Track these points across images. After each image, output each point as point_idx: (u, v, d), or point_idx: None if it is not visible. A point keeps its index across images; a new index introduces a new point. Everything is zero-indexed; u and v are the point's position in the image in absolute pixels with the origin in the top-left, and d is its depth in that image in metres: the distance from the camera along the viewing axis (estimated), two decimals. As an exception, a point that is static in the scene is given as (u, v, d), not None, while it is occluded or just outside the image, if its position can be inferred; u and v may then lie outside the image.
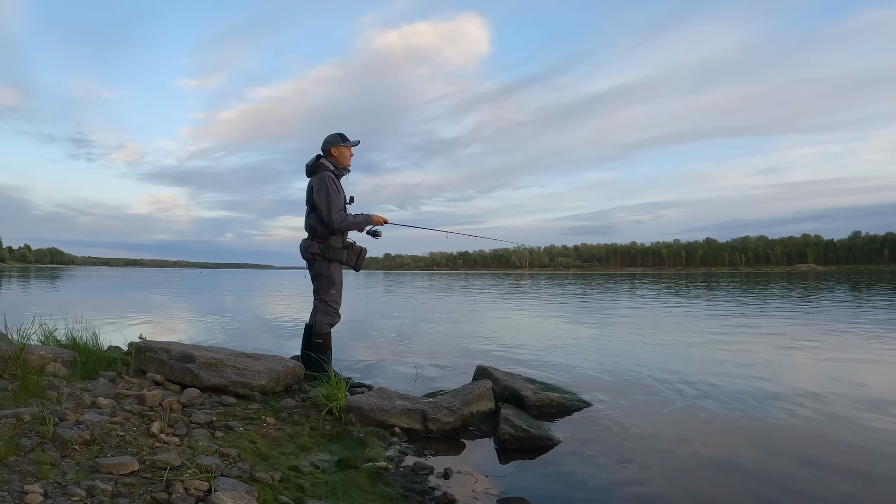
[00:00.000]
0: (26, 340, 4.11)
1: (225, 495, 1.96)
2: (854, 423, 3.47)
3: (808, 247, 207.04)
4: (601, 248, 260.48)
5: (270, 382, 3.74)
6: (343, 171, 4.37)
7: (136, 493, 2.00)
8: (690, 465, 2.82)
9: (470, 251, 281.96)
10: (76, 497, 1.89)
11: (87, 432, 2.46)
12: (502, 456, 2.97)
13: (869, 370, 5.25)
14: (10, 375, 3.42)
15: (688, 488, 2.52)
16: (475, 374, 4.29)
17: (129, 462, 2.19)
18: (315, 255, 4.29)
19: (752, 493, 2.45)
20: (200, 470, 2.21)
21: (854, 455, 2.95)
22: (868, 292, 19.02)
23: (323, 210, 4.15)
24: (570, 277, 59.64)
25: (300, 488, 2.28)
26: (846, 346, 6.74)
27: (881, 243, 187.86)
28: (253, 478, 2.27)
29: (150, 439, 2.56)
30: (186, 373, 3.63)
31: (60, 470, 2.11)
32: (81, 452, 2.30)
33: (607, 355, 6.08)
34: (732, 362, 5.57)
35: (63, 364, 3.70)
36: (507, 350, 6.49)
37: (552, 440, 3.13)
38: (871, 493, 2.47)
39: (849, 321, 9.54)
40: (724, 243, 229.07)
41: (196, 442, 2.61)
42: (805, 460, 2.86)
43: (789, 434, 3.30)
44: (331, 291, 4.33)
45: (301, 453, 2.72)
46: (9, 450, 2.15)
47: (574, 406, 3.84)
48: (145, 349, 3.87)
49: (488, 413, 3.55)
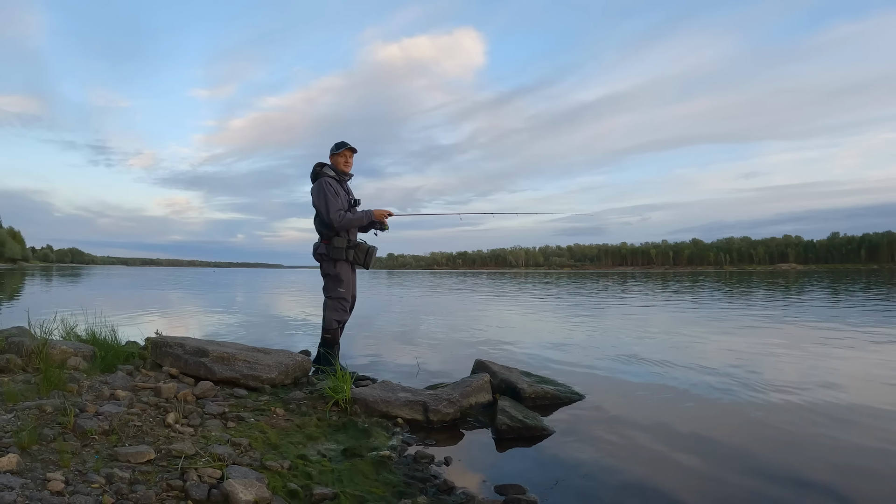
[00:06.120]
0: (48, 336, 4.12)
1: (237, 482, 1.96)
2: (832, 410, 3.47)
3: (789, 247, 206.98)
4: (593, 249, 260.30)
5: (280, 375, 3.74)
6: (345, 175, 4.38)
7: (153, 481, 2.00)
8: (678, 453, 2.81)
9: (469, 251, 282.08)
10: (96, 484, 1.89)
11: (106, 423, 2.46)
12: (499, 445, 2.97)
13: (846, 362, 5.24)
14: (33, 369, 3.43)
15: (676, 476, 2.52)
16: (474, 367, 4.29)
17: (146, 451, 2.19)
18: (322, 256, 4.32)
19: (739, 480, 2.45)
20: (213, 458, 2.21)
21: (831, 442, 2.94)
22: (847, 292, 19.02)
23: (322, 212, 4.18)
24: (564, 276, 59.62)
25: (308, 476, 2.28)
26: (826, 338, 6.73)
27: (858, 244, 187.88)
28: (263, 466, 2.27)
29: (166, 429, 2.56)
30: (200, 366, 3.63)
31: (81, 458, 2.11)
32: (101, 442, 2.30)
33: (600, 349, 6.07)
34: (719, 355, 5.57)
35: (83, 358, 3.70)
36: (504, 345, 6.49)
37: (547, 430, 3.13)
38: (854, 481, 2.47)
39: (829, 316, 9.54)
40: (710, 244, 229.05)
41: (209, 432, 2.61)
42: (789, 448, 2.86)
43: (774, 422, 3.29)
44: (339, 290, 4.33)
45: (309, 443, 2.72)
46: (32, 439, 2.15)
47: (568, 398, 3.84)
48: (161, 344, 3.87)
49: (486, 404, 3.55)
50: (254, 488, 1.95)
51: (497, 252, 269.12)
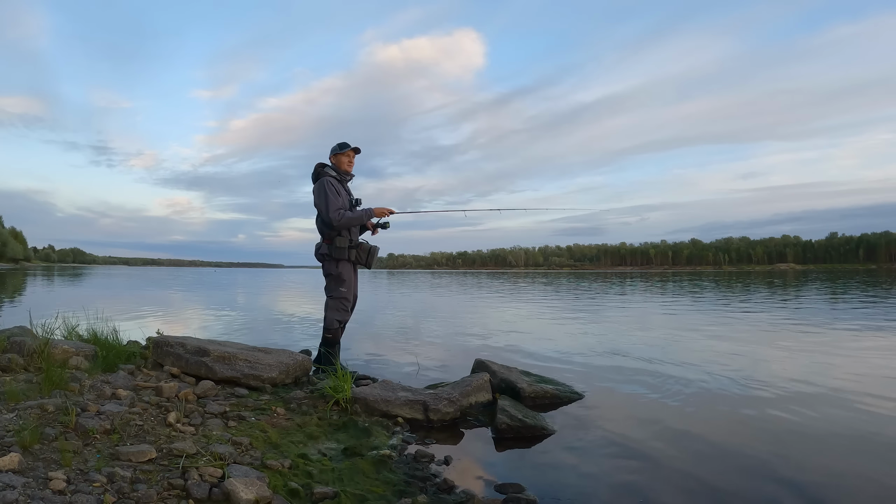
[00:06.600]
0: (50, 335, 4.12)
1: (238, 481, 1.96)
2: (827, 409, 3.48)
3: (787, 247, 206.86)
4: (592, 249, 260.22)
5: (280, 375, 3.74)
6: (346, 176, 4.38)
7: (154, 480, 2.00)
8: (677, 452, 2.81)
9: (469, 251, 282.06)
10: (97, 483, 1.90)
11: (107, 422, 2.46)
12: (499, 444, 2.97)
13: (843, 361, 5.24)
14: (35, 368, 3.43)
15: (674, 475, 2.52)
16: (474, 367, 4.29)
17: (148, 450, 2.19)
18: (325, 256, 4.31)
19: (737, 480, 2.45)
20: (214, 457, 2.21)
21: (830, 441, 2.95)
22: (845, 291, 19.02)
23: (322, 211, 4.18)
24: (564, 276, 59.60)
25: (308, 475, 2.28)
26: (824, 338, 6.74)
27: (856, 244, 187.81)
28: (264, 465, 2.27)
29: (167, 429, 2.56)
30: (201, 366, 3.63)
31: (82, 457, 2.11)
32: (102, 441, 2.30)
33: (599, 349, 6.07)
34: (718, 354, 5.56)
35: (85, 357, 3.70)
36: (504, 344, 6.49)
37: (546, 429, 3.13)
38: (854, 481, 2.47)
39: (828, 316, 9.54)
40: (709, 244, 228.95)
41: (210, 431, 2.61)
42: (789, 447, 2.86)
43: (774, 421, 3.29)
44: (340, 289, 4.33)
45: (309, 442, 2.72)
46: (34, 438, 2.15)
47: (567, 397, 3.84)
48: (162, 343, 3.87)
49: (486, 404, 3.55)
50: (255, 487, 1.95)
51: (497, 252, 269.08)
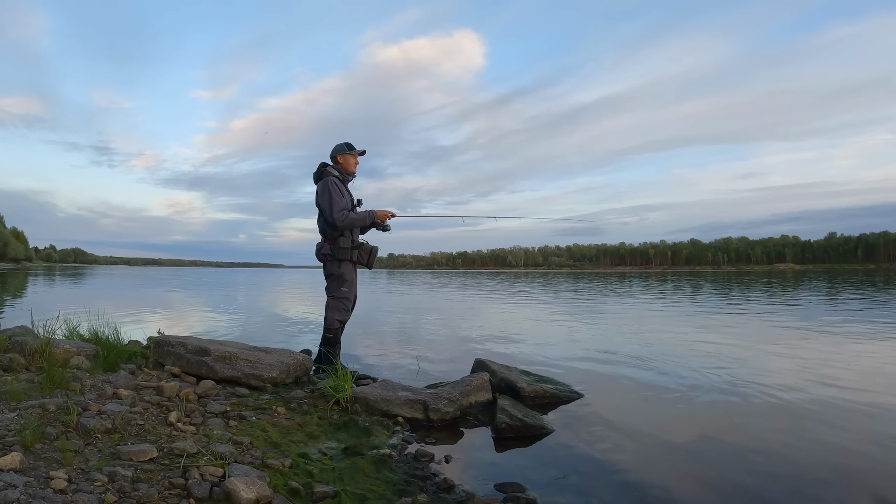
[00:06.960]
0: (51, 335, 4.11)
1: (238, 480, 1.96)
2: (822, 408, 3.47)
3: (786, 247, 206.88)
4: (592, 249, 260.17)
5: (281, 374, 3.74)
6: (349, 176, 4.38)
7: (155, 479, 2.00)
8: (677, 452, 2.82)
9: (469, 251, 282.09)
10: (98, 482, 1.89)
11: (108, 421, 2.46)
12: (499, 444, 2.97)
13: (843, 361, 5.24)
14: (36, 368, 3.43)
15: (675, 474, 2.52)
16: (473, 366, 4.29)
17: (149, 449, 2.19)
18: (326, 256, 4.30)
19: (737, 479, 2.45)
20: (215, 457, 2.21)
21: (829, 440, 2.94)
22: (843, 291, 19.01)
23: (325, 211, 4.17)
24: (563, 276, 59.60)
25: (309, 474, 2.28)
26: (822, 339, 6.74)
27: (855, 244, 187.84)
28: (265, 464, 2.27)
29: (168, 428, 2.56)
30: (202, 365, 3.63)
31: (83, 457, 2.11)
32: (103, 440, 2.30)
33: (599, 349, 6.07)
34: (717, 354, 5.56)
35: (86, 357, 3.70)
36: (503, 344, 6.48)
37: (546, 429, 3.13)
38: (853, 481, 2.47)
39: (825, 317, 9.54)
40: (708, 244, 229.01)
41: (211, 430, 2.61)
42: (787, 447, 2.85)
43: (773, 421, 3.29)
44: (342, 289, 4.32)
45: (310, 441, 2.72)
46: (35, 438, 2.15)
47: (567, 397, 3.84)
48: (163, 343, 3.87)
49: (486, 403, 3.55)
50: (255, 486, 1.95)
51: (497, 252, 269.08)
